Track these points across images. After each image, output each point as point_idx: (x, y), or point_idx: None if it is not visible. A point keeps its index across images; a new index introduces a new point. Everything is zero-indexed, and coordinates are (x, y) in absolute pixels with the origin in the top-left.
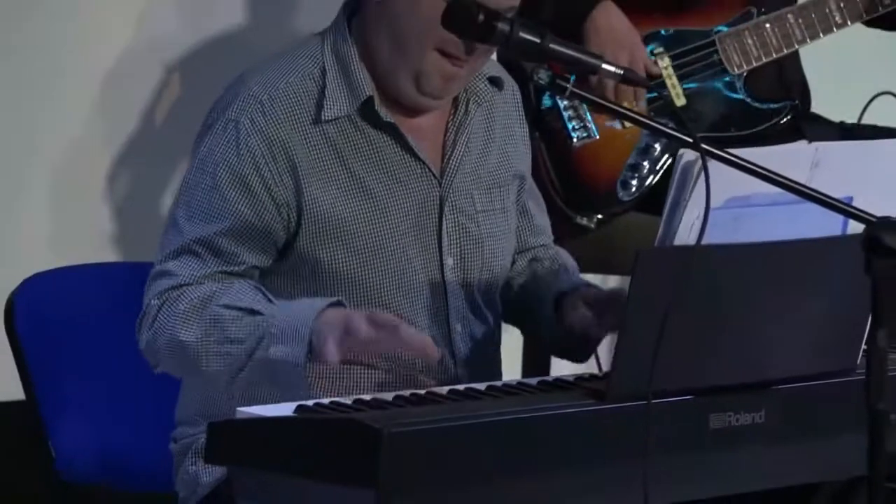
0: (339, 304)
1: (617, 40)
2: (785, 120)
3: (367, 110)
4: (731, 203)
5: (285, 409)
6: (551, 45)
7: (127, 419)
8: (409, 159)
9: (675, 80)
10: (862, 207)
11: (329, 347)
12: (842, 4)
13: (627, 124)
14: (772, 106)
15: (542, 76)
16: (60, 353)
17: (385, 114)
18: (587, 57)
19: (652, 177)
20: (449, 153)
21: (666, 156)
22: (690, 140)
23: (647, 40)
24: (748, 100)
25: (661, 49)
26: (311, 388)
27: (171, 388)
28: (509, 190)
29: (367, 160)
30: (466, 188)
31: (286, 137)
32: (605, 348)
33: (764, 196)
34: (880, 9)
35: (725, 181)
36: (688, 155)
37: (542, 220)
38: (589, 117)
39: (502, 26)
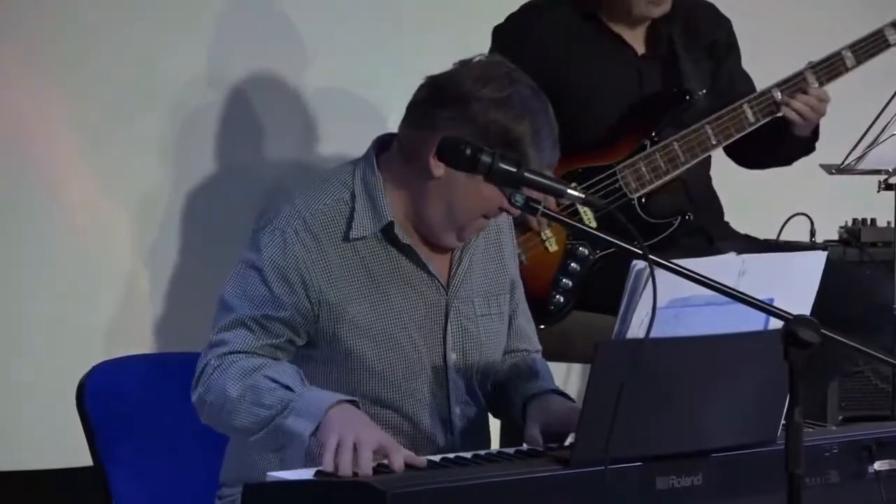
0: (353, 402)
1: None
2: (679, 229)
3: (387, 231)
4: (673, 303)
5: (306, 473)
6: (525, 174)
7: (179, 482)
8: (422, 272)
9: (586, 207)
10: (781, 307)
11: (326, 458)
12: (715, 129)
13: (553, 248)
14: (663, 220)
15: (518, 199)
16: (122, 426)
17: (403, 235)
18: (554, 184)
19: (577, 287)
20: (455, 268)
21: (584, 269)
22: (640, 252)
23: (564, 178)
24: (645, 217)
25: (574, 184)
26: (307, 462)
27: (215, 456)
28: (505, 297)
29: (388, 271)
30: (468, 296)
31: (323, 249)
32: None
33: (700, 298)
34: (747, 127)
35: (669, 285)
36: (639, 264)
37: (528, 328)
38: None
39: (485, 158)
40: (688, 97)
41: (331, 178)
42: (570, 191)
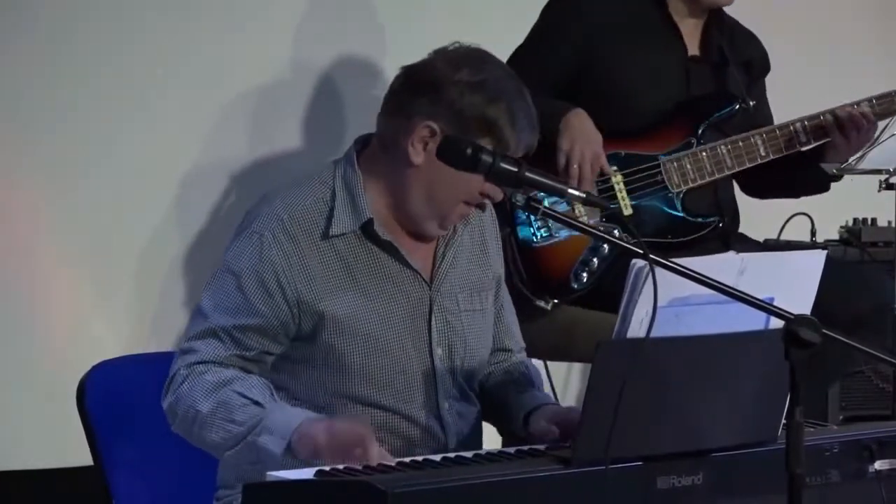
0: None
1: (585, 138)
2: (712, 231)
3: (367, 228)
4: (673, 302)
5: (307, 472)
6: (527, 174)
7: (179, 482)
8: (404, 268)
9: (624, 193)
10: (781, 307)
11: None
12: (766, 141)
13: None
14: (701, 220)
15: (519, 198)
16: (122, 426)
17: (383, 232)
18: (556, 183)
19: (599, 272)
20: (438, 263)
21: (612, 255)
22: (641, 251)
23: (607, 160)
24: (683, 214)
25: (615, 167)
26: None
27: (212, 457)
28: (489, 294)
29: (369, 269)
30: (452, 291)
31: (301, 250)
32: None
33: (700, 297)
34: (797, 146)
35: (669, 284)
36: (639, 263)
37: (514, 325)
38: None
39: (486, 158)
40: (738, 105)
41: (311, 177)
42: (571, 190)
